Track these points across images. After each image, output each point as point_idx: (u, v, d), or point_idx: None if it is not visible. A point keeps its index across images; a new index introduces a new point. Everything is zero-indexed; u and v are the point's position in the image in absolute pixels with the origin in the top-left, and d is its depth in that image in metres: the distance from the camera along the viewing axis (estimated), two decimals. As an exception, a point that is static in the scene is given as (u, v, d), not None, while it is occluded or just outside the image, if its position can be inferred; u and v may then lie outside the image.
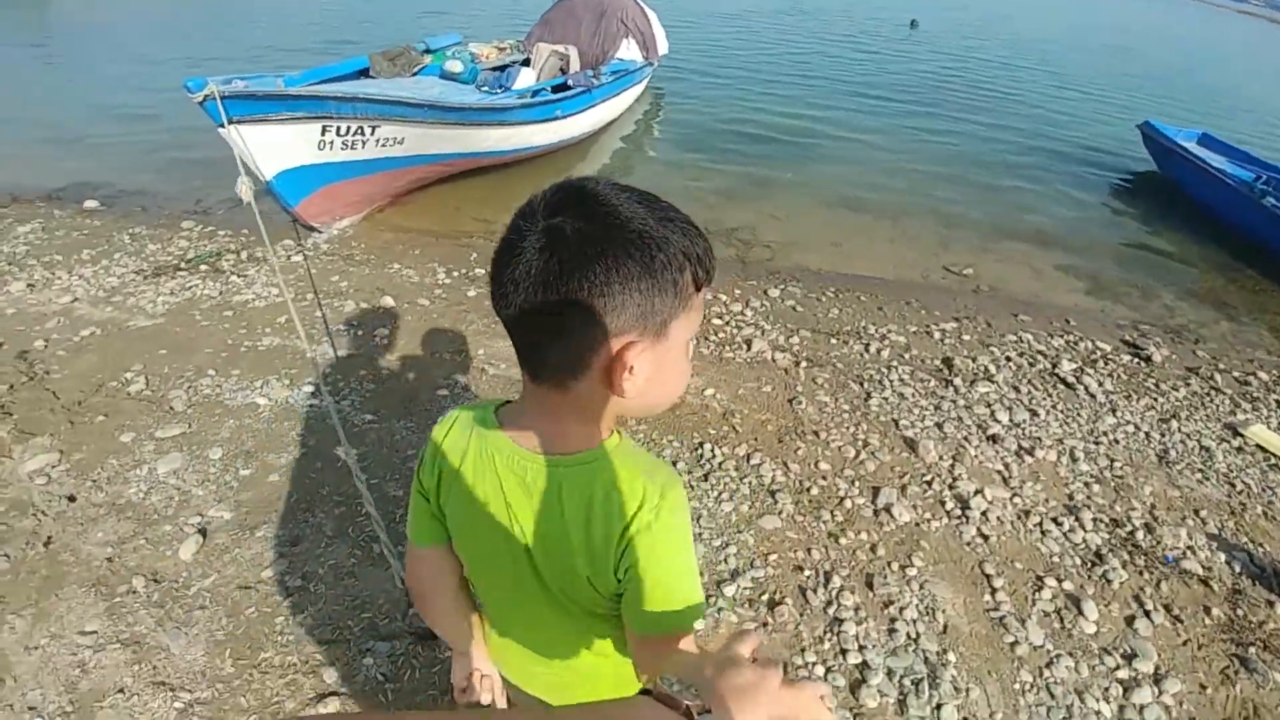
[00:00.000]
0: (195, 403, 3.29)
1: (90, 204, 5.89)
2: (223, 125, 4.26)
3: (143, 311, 4.12)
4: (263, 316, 4.05)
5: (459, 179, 6.15)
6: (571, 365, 0.69)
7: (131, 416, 3.16)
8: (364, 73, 6.58)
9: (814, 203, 6.24)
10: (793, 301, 4.50)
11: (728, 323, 4.18)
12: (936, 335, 4.18)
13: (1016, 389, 3.62)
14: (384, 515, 2.62)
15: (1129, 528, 2.75)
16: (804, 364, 3.73)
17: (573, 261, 0.64)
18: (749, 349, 3.85)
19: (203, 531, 2.54)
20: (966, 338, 4.18)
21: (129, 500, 2.68)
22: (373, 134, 4.93)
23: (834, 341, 4.02)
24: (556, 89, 6.50)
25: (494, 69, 6.53)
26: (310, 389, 3.34)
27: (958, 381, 3.64)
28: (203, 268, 4.69)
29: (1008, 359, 3.92)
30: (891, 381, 3.62)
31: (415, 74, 6.70)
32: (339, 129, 4.76)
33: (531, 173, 6.56)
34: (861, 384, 3.59)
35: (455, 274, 4.71)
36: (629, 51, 8.13)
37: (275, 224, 5.19)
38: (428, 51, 7.38)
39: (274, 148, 4.60)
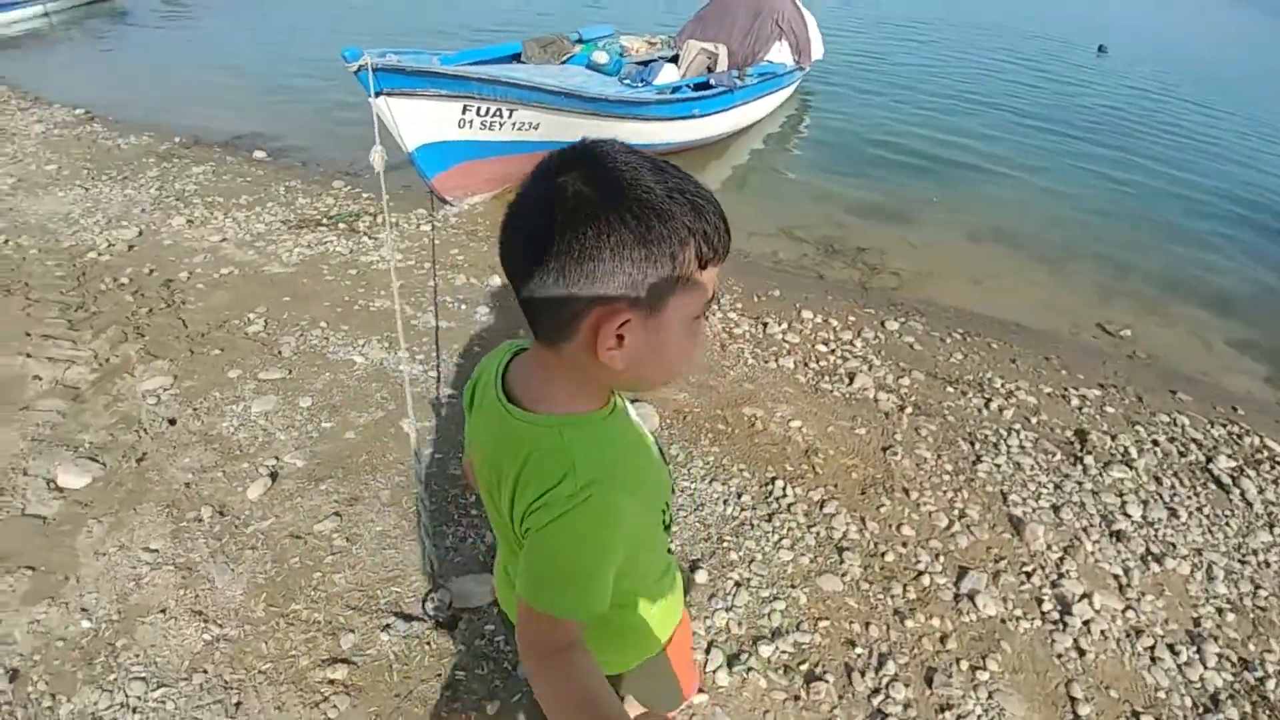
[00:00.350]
0: (301, 350, 3.48)
1: (259, 154, 6.48)
2: (372, 96, 4.50)
3: (278, 259, 4.44)
4: (382, 279, 4.23)
5: None
6: (560, 327, 0.69)
7: (244, 354, 3.40)
8: (516, 57, 6.78)
9: (958, 233, 5.71)
10: (911, 338, 4.11)
11: (833, 350, 3.88)
12: (1074, 402, 3.65)
13: (1158, 480, 3.08)
14: (440, 492, 2.62)
15: (1260, 674, 2.23)
16: (909, 410, 3.37)
17: (566, 221, 0.63)
18: (850, 383, 3.54)
19: (273, 475, 2.66)
20: (1110, 410, 3.62)
21: (219, 433, 2.86)
22: (510, 117, 5.06)
23: (950, 390, 3.61)
24: (698, 87, 6.38)
25: (640, 63, 6.50)
26: (406, 354, 3.43)
27: (1089, 460, 3.15)
28: (341, 226, 5.00)
29: (1154, 443, 3.35)
30: (1009, 447, 3.19)
31: (564, 62, 6.81)
32: (480, 109, 4.92)
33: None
34: (973, 444, 3.19)
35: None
36: (780, 54, 7.85)
37: (413, 194, 5.48)
38: (579, 41, 7.50)
39: (418, 121, 4.81)
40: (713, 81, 6.38)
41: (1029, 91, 10.32)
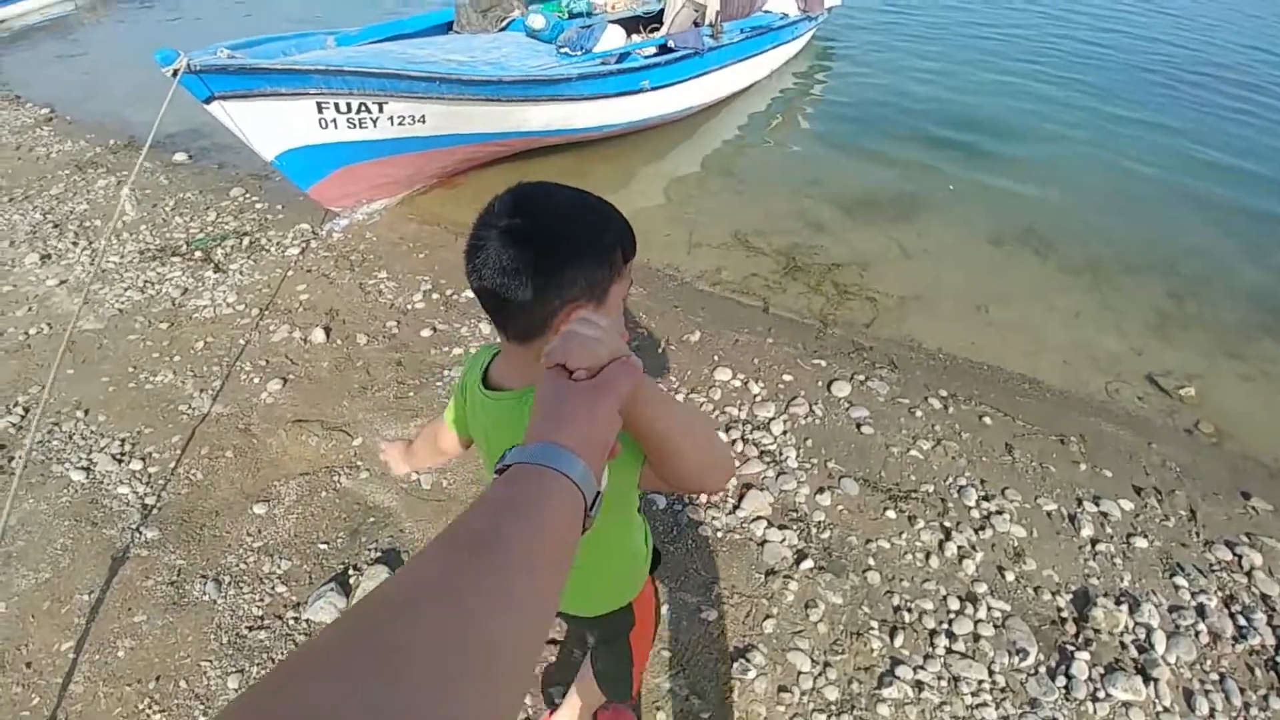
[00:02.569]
0: (33, 462, 2.74)
1: (180, 156, 5.78)
2: (207, 101, 3.69)
3: (103, 307, 3.73)
4: (191, 337, 3.46)
5: (537, 155, 5.18)
6: (534, 328, 0.85)
7: (-39, 464, 2.68)
8: (450, 26, 5.76)
9: (972, 235, 4.40)
10: (864, 411, 3.00)
11: (738, 439, 2.83)
12: (1086, 531, 2.50)
13: (1204, 688, 1.95)
14: None
15: None
16: (809, 564, 2.32)
17: (531, 253, 0.80)
18: (735, 508, 2.51)
19: None
20: (1139, 543, 2.46)
21: None
22: (381, 111, 4.12)
23: (891, 515, 2.53)
24: (662, 50, 5.18)
25: (585, 27, 5.33)
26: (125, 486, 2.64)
27: (1081, 661, 2.04)
28: (197, 254, 4.25)
29: (1200, 612, 2.19)
30: (954, 638, 2.11)
31: (503, 28, 5.72)
32: (339, 105, 4.01)
33: (621, 153, 5.39)
34: (892, 634, 2.13)
35: (436, 295, 3.80)
36: (783, 2, 6.47)
37: (299, 204, 4.67)
38: (537, 0, 6.38)
39: (266, 126, 3.97)
40: (671, 44, 5.16)
41: (1099, 48, 8.31)
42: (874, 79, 6.88)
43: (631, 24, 6.66)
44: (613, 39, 4.99)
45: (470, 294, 3.95)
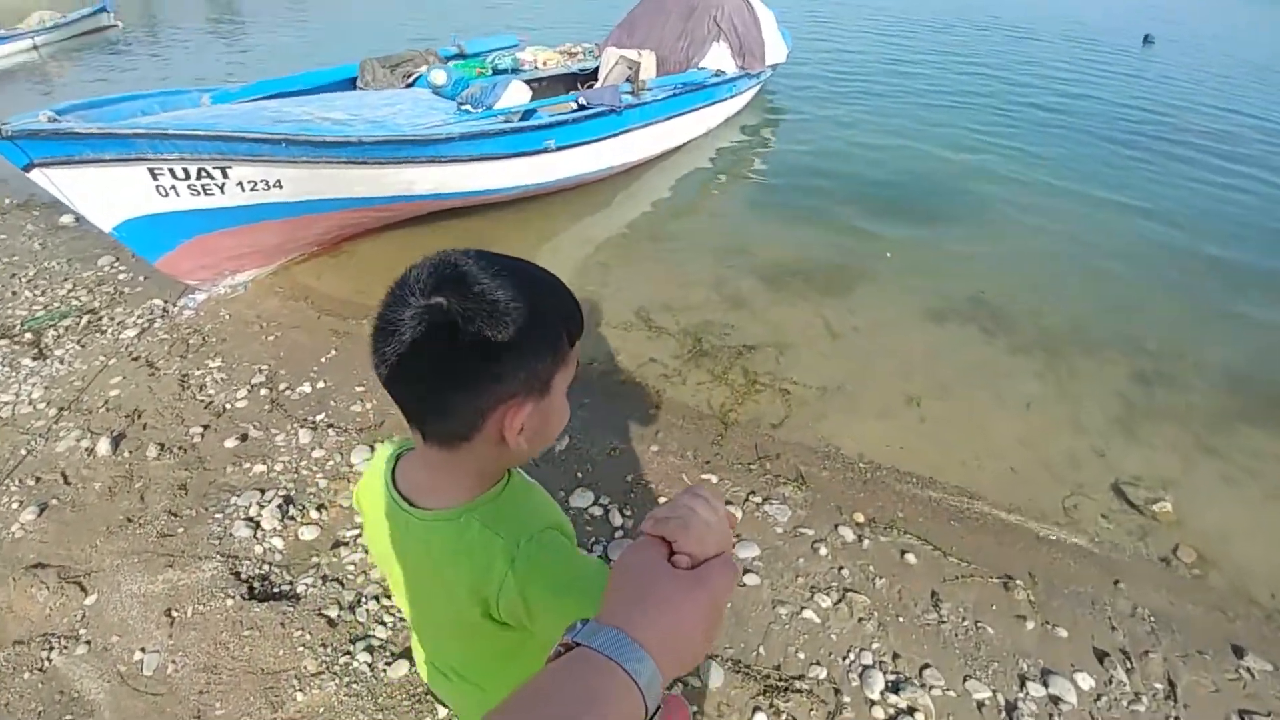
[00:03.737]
0: None
1: (66, 218, 5.23)
2: (26, 169, 3.20)
3: None
4: (-56, 451, 2.81)
5: (436, 219, 4.65)
6: (461, 432, 0.71)
7: None
8: (354, 82, 5.34)
9: (909, 309, 3.85)
10: (756, 548, 2.36)
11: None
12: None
13: None
14: None
15: None
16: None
17: (459, 343, 0.65)
18: None
19: None
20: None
21: None
22: (227, 177, 3.60)
23: (761, 719, 1.86)
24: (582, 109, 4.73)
25: (489, 84, 4.89)
26: None
27: None
28: (27, 337, 3.65)
29: None
30: None
31: (410, 84, 5.29)
32: (174, 171, 3.49)
33: (530, 217, 4.88)
34: None
35: (265, 391, 3.19)
36: (720, 59, 6.11)
37: (162, 276, 4.12)
38: (460, 57, 6.00)
39: (100, 195, 3.48)
40: (582, 101, 4.71)
41: (1059, 95, 8.08)
42: (816, 140, 6.47)
43: (568, 81, 6.31)
44: (517, 95, 4.53)
45: (305, 390, 3.39)
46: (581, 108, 4.75)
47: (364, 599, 2.25)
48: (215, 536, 2.49)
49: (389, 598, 2.25)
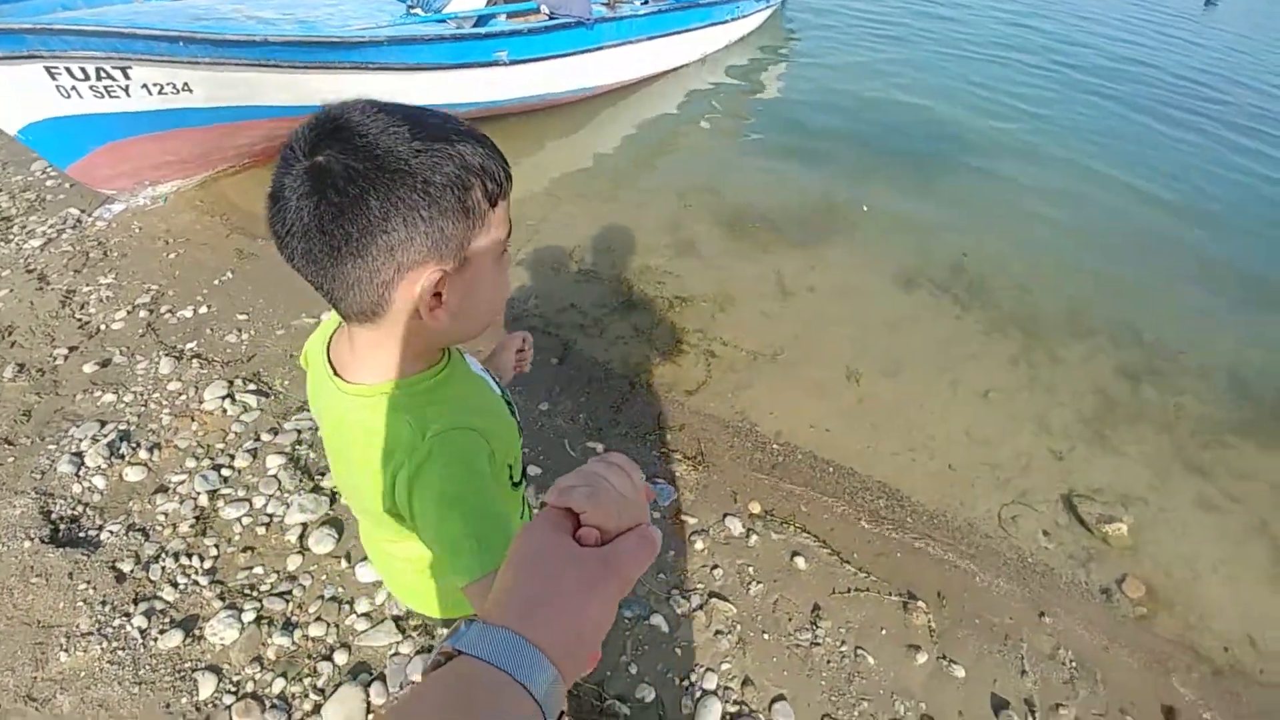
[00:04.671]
0: None
1: None
2: None
3: None
4: None
5: None
6: (372, 305, 0.64)
7: None
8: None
9: (874, 270, 3.39)
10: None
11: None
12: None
13: None
14: None
15: None
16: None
17: (343, 203, 0.58)
18: None
19: None
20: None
21: None
22: (128, 78, 3.26)
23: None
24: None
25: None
26: None
27: None
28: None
29: None
30: None
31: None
32: (72, 71, 3.17)
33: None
34: None
35: (145, 313, 2.94)
36: (721, -30, 5.47)
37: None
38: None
39: (1, 94, 3.15)
40: (543, 8, 4.19)
41: (1101, 58, 7.14)
42: (826, 80, 5.81)
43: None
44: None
45: (186, 314, 3.10)
46: (549, 18, 4.24)
47: (164, 554, 2.00)
48: (39, 470, 2.25)
49: (189, 556, 2.00)
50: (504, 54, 3.98)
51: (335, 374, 0.74)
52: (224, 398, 2.51)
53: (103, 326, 2.86)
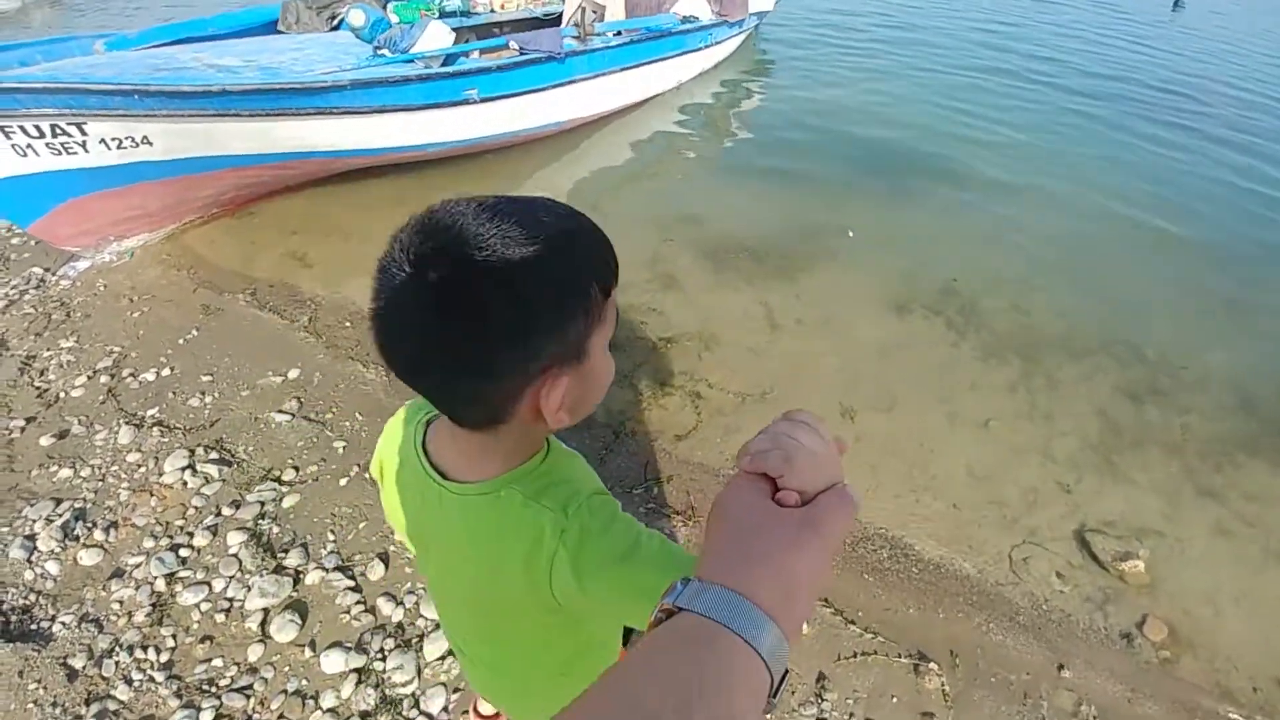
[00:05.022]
0: None
1: None
2: None
3: None
4: None
5: (352, 178, 4.15)
6: (495, 416, 0.62)
7: None
8: (275, 25, 4.81)
9: (865, 297, 3.30)
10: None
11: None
12: None
13: None
14: None
15: None
16: None
17: (467, 324, 0.54)
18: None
19: None
20: None
21: None
22: (85, 133, 3.17)
23: None
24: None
25: (408, 25, 4.31)
26: None
27: None
28: None
29: None
30: None
31: (335, 26, 4.74)
32: (26, 129, 3.08)
33: (459, 179, 4.35)
34: None
35: (106, 378, 2.82)
36: (692, 4, 5.44)
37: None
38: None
39: None
40: (512, 44, 4.13)
41: (1073, 69, 7.11)
42: (800, 103, 5.75)
43: (532, 26, 5.69)
44: (437, 38, 3.97)
45: (149, 377, 2.96)
46: (519, 54, 4.18)
47: (119, 648, 1.85)
48: (-15, 549, 2.10)
49: (144, 649, 1.85)
50: (474, 92, 3.91)
51: (444, 478, 0.70)
52: (184, 469, 2.37)
53: (62, 394, 2.73)
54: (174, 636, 1.91)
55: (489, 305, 0.54)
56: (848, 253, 3.57)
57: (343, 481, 2.28)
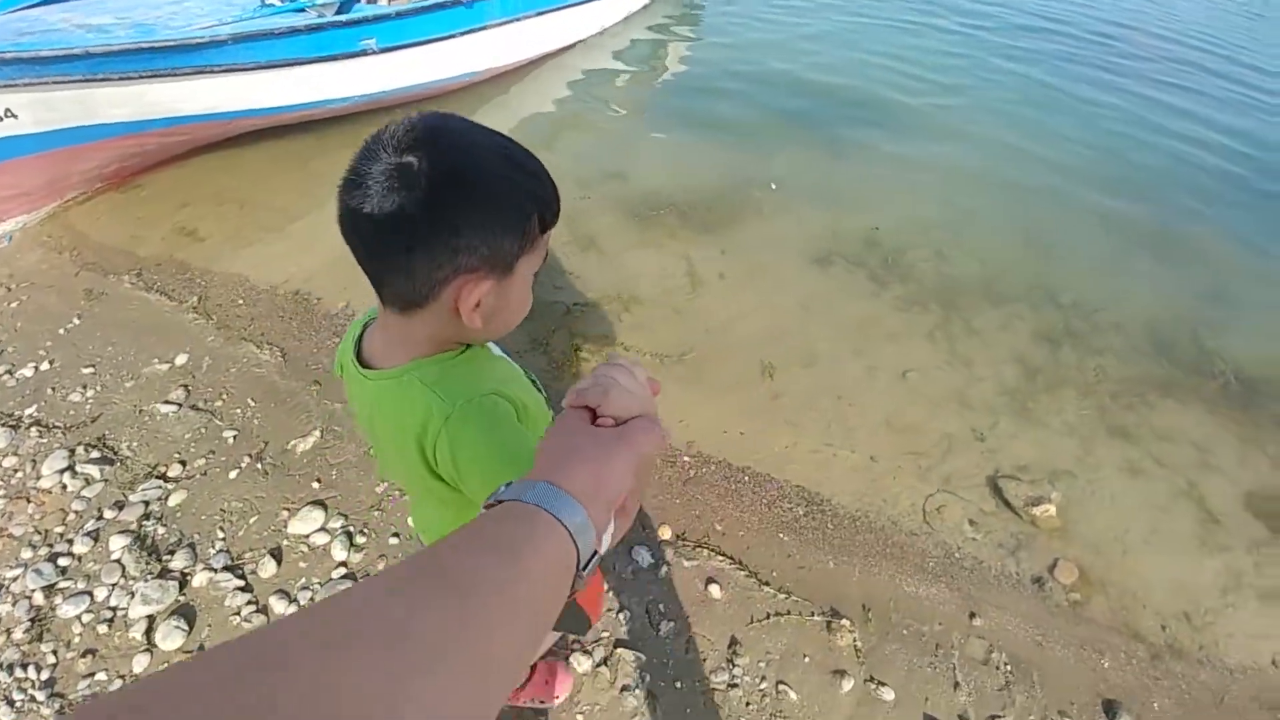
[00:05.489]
0: None
1: None
2: None
3: None
4: None
5: (245, 141, 3.84)
6: (418, 297, 0.70)
7: None
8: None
9: (788, 251, 3.23)
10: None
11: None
12: None
13: None
14: None
15: None
16: None
17: (430, 202, 0.64)
18: None
19: None
20: None
21: None
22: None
23: None
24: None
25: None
26: None
27: None
28: None
29: None
30: None
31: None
32: None
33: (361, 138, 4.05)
34: None
35: (-43, 385, 2.54)
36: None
37: None
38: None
39: None
40: (409, -12, 3.83)
41: (1010, 16, 6.91)
42: (726, 49, 5.53)
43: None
44: (334, -13, 3.65)
45: (26, 373, 2.74)
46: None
47: (-5, 670, 1.72)
48: None
49: (25, 668, 1.73)
50: (372, 42, 3.63)
51: (364, 367, 0.79)
52: (64, 470, 2.20)
53: (-74, 399, 2.50)
54: (55, 652, 1.79)
55: (442, 187, 0.63)
56: (772, 205, 3.48)
57: (233, 474, 2.14)
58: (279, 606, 1.86)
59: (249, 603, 1.87)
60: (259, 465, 2.21)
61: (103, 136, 3.33)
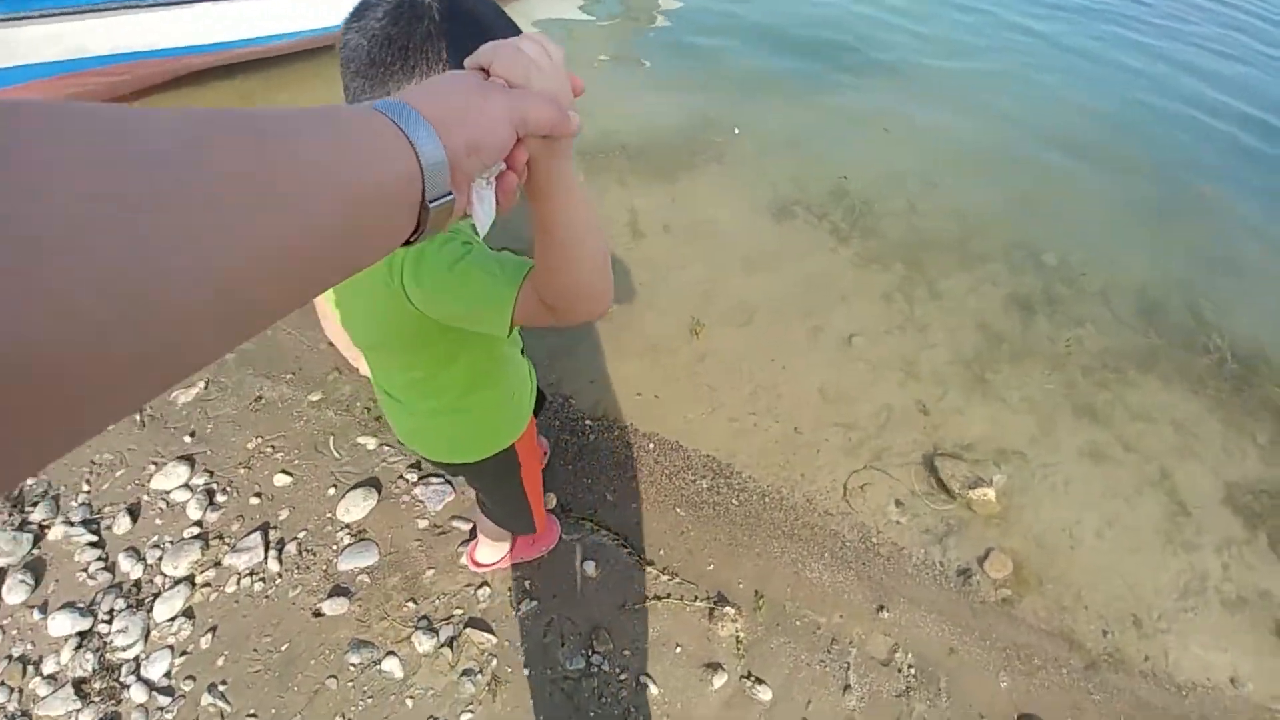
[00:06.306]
0: None
1: None
2: None
3: None
4: None
5: (195, 84, 3.63)
6: None
7: None
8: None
9: (746, 201, 2.94)
10: (368, 560, 1.68)
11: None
12: None
13: None
14: None
15: None
16: None
17: (429, 32, 0.66)
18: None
19: None
20: None
21: None
22: None
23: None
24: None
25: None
26: None
27: None
28: None
29: None
30: None
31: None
32: None
33: (301, 79, 3.82)
34: None
35: None
36: None
37: None
38: None
39: None
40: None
41: None
42: None
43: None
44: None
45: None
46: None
47: None
48: None
49: None
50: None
51: None
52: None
53: None
54: (-115, 600, 1.68)
55: (444, 30, 0.65)
56: (734, 152, 3.19)
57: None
58: (125, 565, 1.72)
59: (98, 559, 1.74)
60: (136, 416, 2.07)
61: (28, 79, 3.15)
